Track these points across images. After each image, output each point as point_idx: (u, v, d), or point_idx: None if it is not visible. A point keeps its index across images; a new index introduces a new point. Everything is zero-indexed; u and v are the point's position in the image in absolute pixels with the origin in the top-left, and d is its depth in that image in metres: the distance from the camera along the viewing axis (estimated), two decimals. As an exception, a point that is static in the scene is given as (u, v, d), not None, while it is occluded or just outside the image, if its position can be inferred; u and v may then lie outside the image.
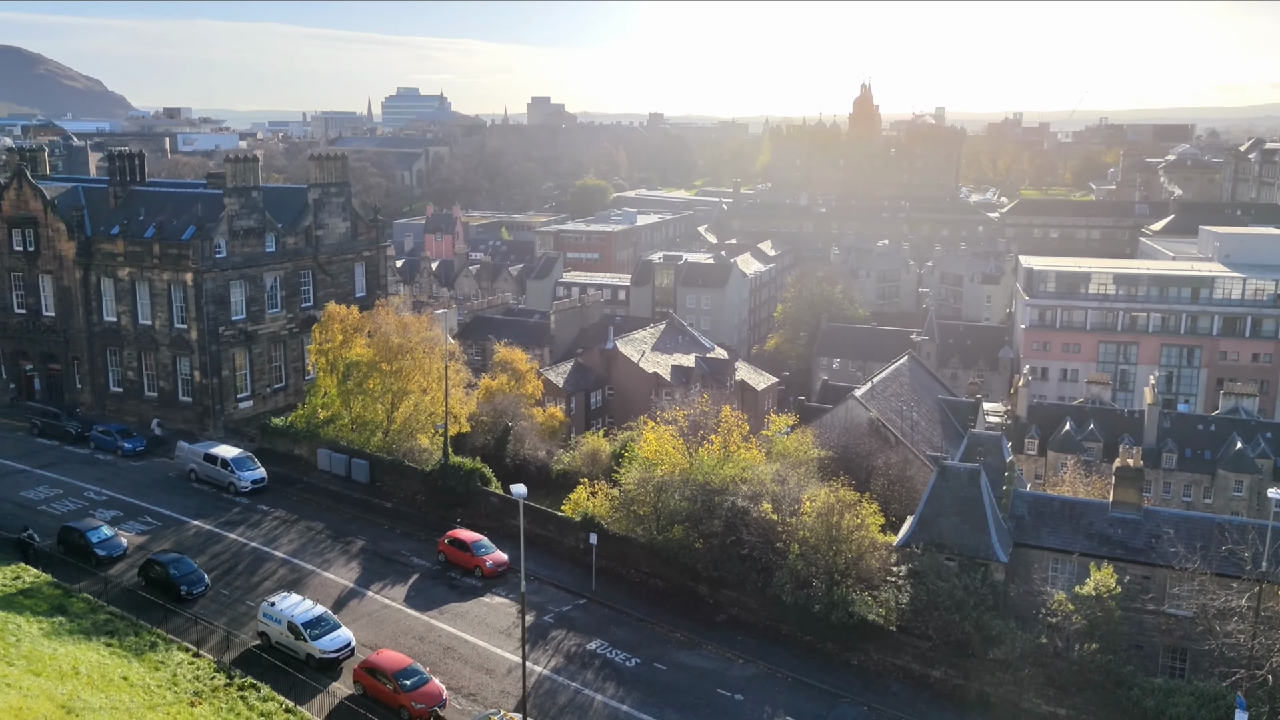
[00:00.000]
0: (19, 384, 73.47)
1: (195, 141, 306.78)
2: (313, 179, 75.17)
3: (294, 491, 56.13)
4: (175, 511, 52.88)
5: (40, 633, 36.99)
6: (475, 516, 52.70)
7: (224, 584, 45.00)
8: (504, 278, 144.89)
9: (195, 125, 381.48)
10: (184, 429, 65.99)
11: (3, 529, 48.93)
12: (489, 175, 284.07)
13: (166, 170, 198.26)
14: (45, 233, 70.37)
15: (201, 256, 64.92)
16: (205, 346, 66.04)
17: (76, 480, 57.03)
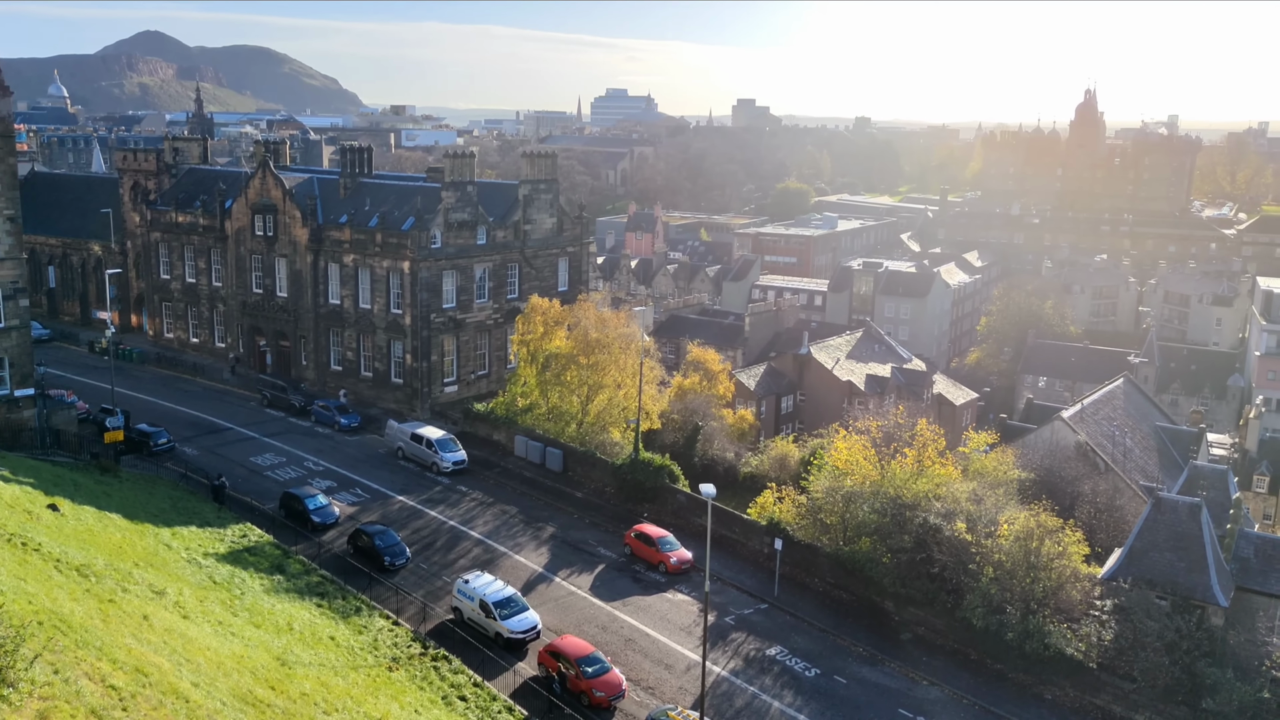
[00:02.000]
0: (253, 357, 79.96)
1: (417, 137, 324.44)
2: (523, 175, 78.11)
3: (491, 475, 58.50)
4: (383, 486, 56.17)
5: (261, 588, 40.12)
6: (662, 512, 53.31)
7: (423, 558, 47.43)
8: (701, 278, 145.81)
9: (418, 122, 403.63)
10: (394, 409, 69.99)
11: (238, 490, 53.47)
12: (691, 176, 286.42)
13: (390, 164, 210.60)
14: (283, 219, 76.22)
15: (418, 246, 68.65)
16: (417, 331, 69.80)
17: (298, 450, 61.50)
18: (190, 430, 63.71)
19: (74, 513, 39.81)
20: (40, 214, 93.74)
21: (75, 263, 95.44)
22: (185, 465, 56.45)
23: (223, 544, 44.57)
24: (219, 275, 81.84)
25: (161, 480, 53.78)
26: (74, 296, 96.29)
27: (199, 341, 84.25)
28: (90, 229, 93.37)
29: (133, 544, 39.08)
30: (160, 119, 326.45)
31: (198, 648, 27.92)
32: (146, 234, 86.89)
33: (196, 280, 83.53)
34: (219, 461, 58.09)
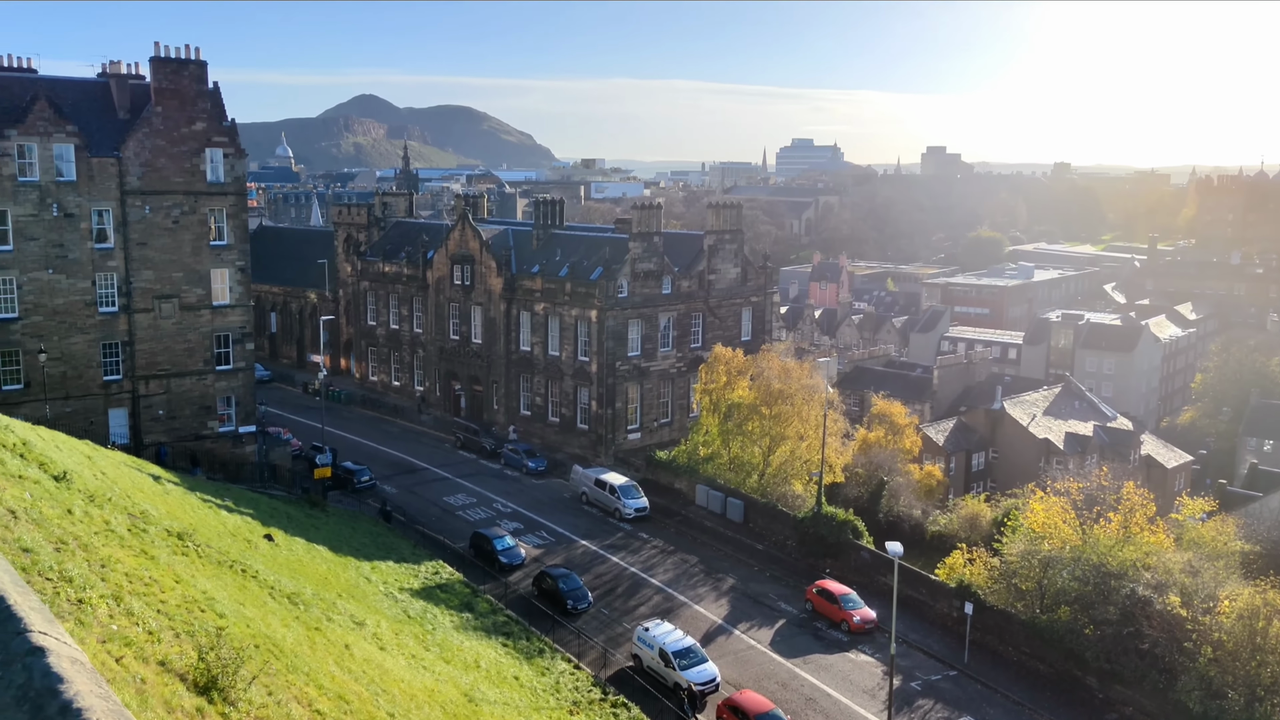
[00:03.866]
0: (449, 400, 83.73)
1: (606, 189, 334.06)
2: (708, 226, 79.02)
3: (672, 523, 58.75)
4: (567, 530, 57.38)
5: (451, 625, 41.57)
6: (844, 569, 52.02)
7: (604, 603, 47.98)
8: (887, 329, 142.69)
9: (606, 174, 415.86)
10: (579, 454, 71.56)
11: (419, 523, 55.88)
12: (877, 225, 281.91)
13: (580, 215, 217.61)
14: (479, 269, 79.91)
15: (606, 295, 70.40)
16: (603, 379, 71.34)
17: (488, 491, 63.75)
18: (390, 469, 67.18)
19: (286, 543, 42.57)
20: (265, 264, 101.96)
21: (294, 309, 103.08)
22: (385, 502, 59.50)
23: (417, 580, 46.55)
24: (420, 322, 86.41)
25: (363, 516, 56.87)
26: (292, 341, 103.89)
27: (400, 385, 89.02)
28: (308, 278, 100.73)
29: (337, 575, 41.40)
30: (371, 175, 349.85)
31: (393, 679, 29.18)
32: (357, 283, 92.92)
33: (399, 326, 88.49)
34: (414, 500, 60.94)
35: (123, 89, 59.76)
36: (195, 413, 60.19)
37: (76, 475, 30.30)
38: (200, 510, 40.16)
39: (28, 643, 2.92)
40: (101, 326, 57.44)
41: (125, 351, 58.20)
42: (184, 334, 59.78)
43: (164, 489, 40.77)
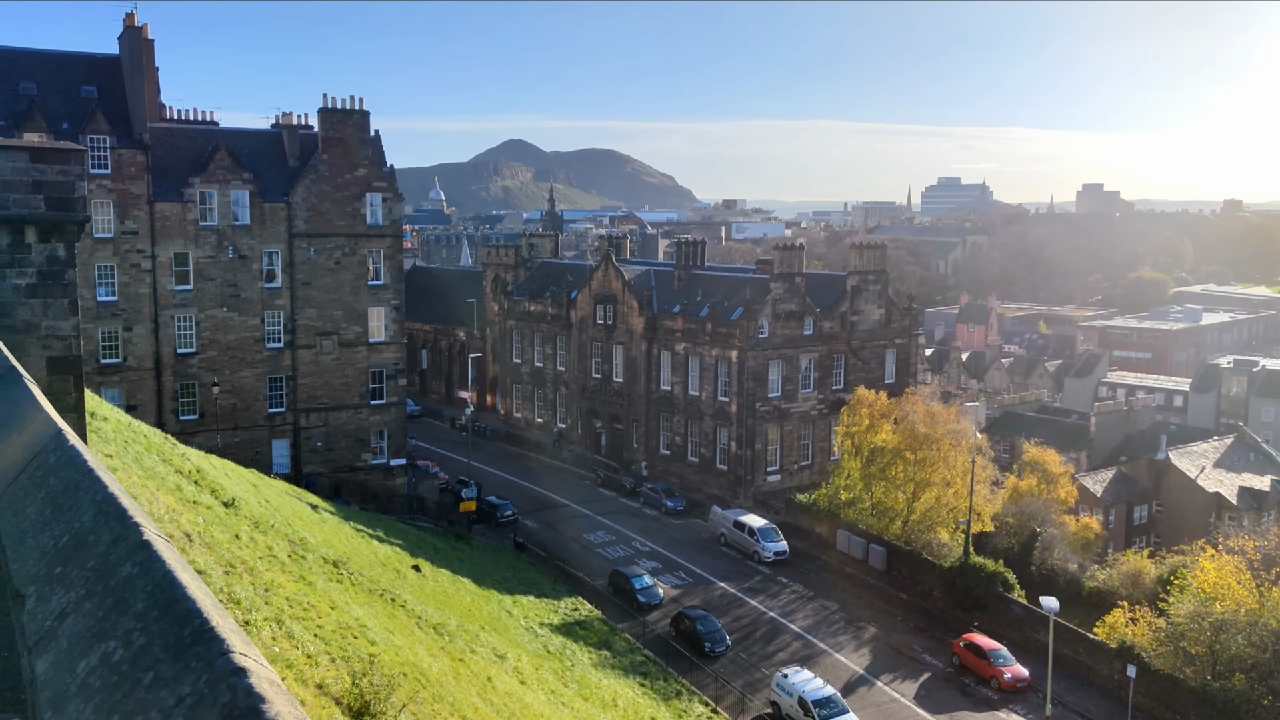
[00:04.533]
0: (590, 438, 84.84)
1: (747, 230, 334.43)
2: (851, 266, 78.02)
3: (811, 568, 57.68)
4: (705, 571, 57.05)
5: (590, 662, 41.81)
6: (994, 623, 49.85)
7: (742, 647, 47.37)
8: (1039, 373, 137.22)
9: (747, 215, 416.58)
10: (717, 495, 71.25)
11: (559, 559, 56.53)
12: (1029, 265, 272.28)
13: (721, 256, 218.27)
14: (621, 309, 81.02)
15: (746, 336, 70.23)
16: (743, 419, 70.98)
17: (626, 530, 64.08)
18: (532, 504, 68.39)
19: (433, 574, 43.78)
20: (417, 303, 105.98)
21: (444, 347, 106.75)
22: (526, 537, 60.55)
23: (556, 615, 47.07)
24: (563, 360, 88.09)
25: (505, 550, 58.00)
26: (441, 377, 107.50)
27: (543, 421, 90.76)
28: (457, 317, 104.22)
29: (480, 608, 42.28)
30: (518, 217, 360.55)
31: (533, 714, 29.50)
32: (503, 321, 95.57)
33: (543, 364, 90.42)
34: (555, 536, 61.79)
35: (293, 138, 63.54)
36: (350, 445, 62.83)
37: (243, 502, 31.93)
38: (354, 539, 41.75)
39: (231, 663, 3.09)
40: (268, 361, 60.79)
41: (289, 385, 61.37)
42: (342, 369, 62.64)
43: (321, 518, 42.60)
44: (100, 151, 56.85)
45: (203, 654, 3.42)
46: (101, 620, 4.26)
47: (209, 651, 3.39)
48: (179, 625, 3.78)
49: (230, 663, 3.26)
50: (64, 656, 4.25)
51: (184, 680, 3.36)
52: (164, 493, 24.02)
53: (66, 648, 4.30)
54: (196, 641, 3.53)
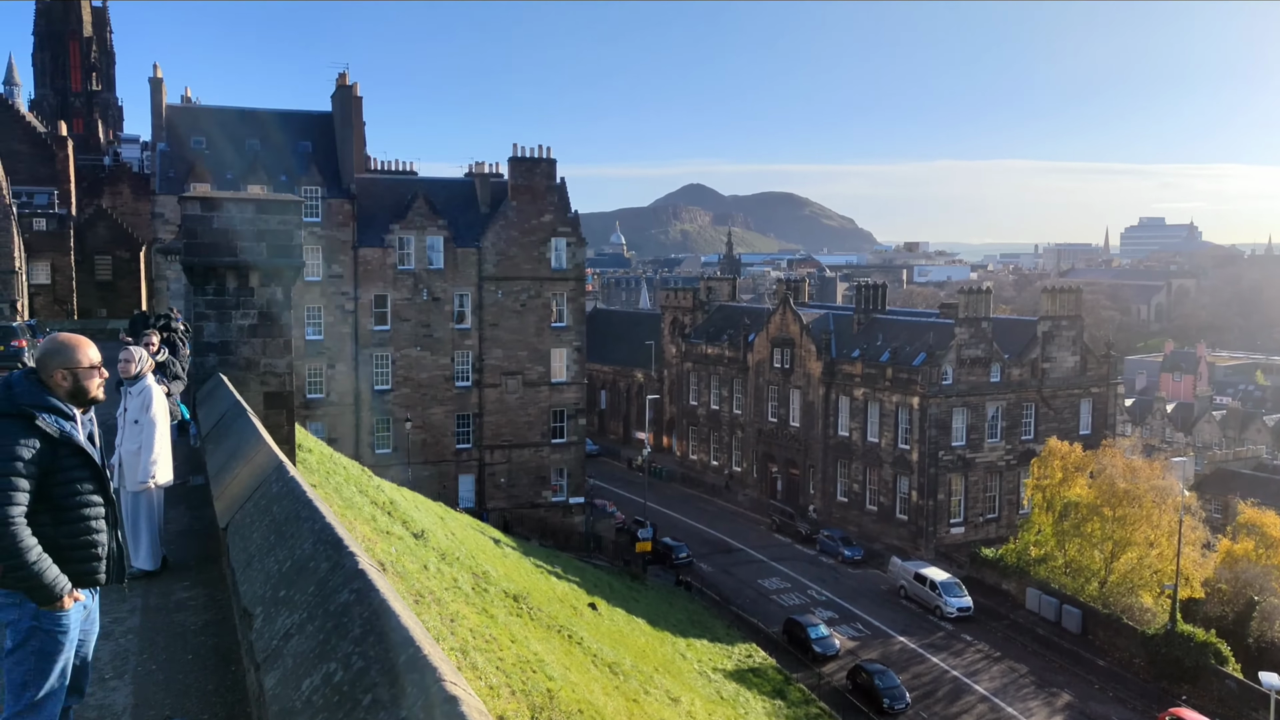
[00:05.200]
0: (765, 483, 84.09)
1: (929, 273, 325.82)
2: (1042, 311, 74.60)
3: (998, 627, 54.91)
4: (883, 623, 55.24)
5: (763, 710, 41.10)
6: (1204, 697, 45.93)
7: (922, 706, 45.48)
8: (1255, 427, 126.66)
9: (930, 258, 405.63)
10: (896, 545, 69.05)
11: (733, 604, 55.96)
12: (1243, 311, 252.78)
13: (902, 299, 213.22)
14: (799, 353, 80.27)
15: (929, 382, 68.14)
16: (924, 468, 68.69)
17: (802, 577, 62.92)
18: (706, 547, 68.21)
19: (608, 613, 44.25)
20: (597, 345, 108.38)
21: (622, 388, 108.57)
22: (701, 580, 60.39)
23: (730, 661, 46.58)
24: (739, 403, 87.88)
25: (679, 592, 57.99)
26: (619, 418, 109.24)
27: (718, 464, 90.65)
28: (635, 358, 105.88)
29: (654, 649, 42.37)
30: (696, 261, 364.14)
31: (705, 760, 29.19)
32: (680, 364, 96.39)
33: (719, 407, 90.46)
34: (729, 580, 61.35)
35: (484, 186, 66.62)
36: (531, 482, 64.63)
37: (432, 534, 33.28)
38: (533, 574, 42.76)
39: (444, 691, 3.25)
40: (457, 399, 63.48)
41: (475, 423, 63.83)
42: (525, 408, 64.68)
43: (502, 552, 43.89)
44: (312, 201, 61.27)
45: (417, 681, 3.61)
46: (323, 643, 4.55)
47: (423, 679, 3.57)
48: (394, 652, 4.00)
49: (443, 691, 3.42)
50: (290, 674, 4.56)
51: (400, 704, 3.55)
52: (361, 522, 25.37)
53: (292, 666, 4.62)
54: (411, 669, 3.73)
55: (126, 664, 7.06)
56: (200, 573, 9.30)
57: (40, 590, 4.48)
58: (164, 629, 7.76)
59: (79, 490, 4.68)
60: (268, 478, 8.09)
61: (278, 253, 20.21)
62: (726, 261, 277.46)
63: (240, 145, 63.54)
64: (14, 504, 4.38)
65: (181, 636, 7.62)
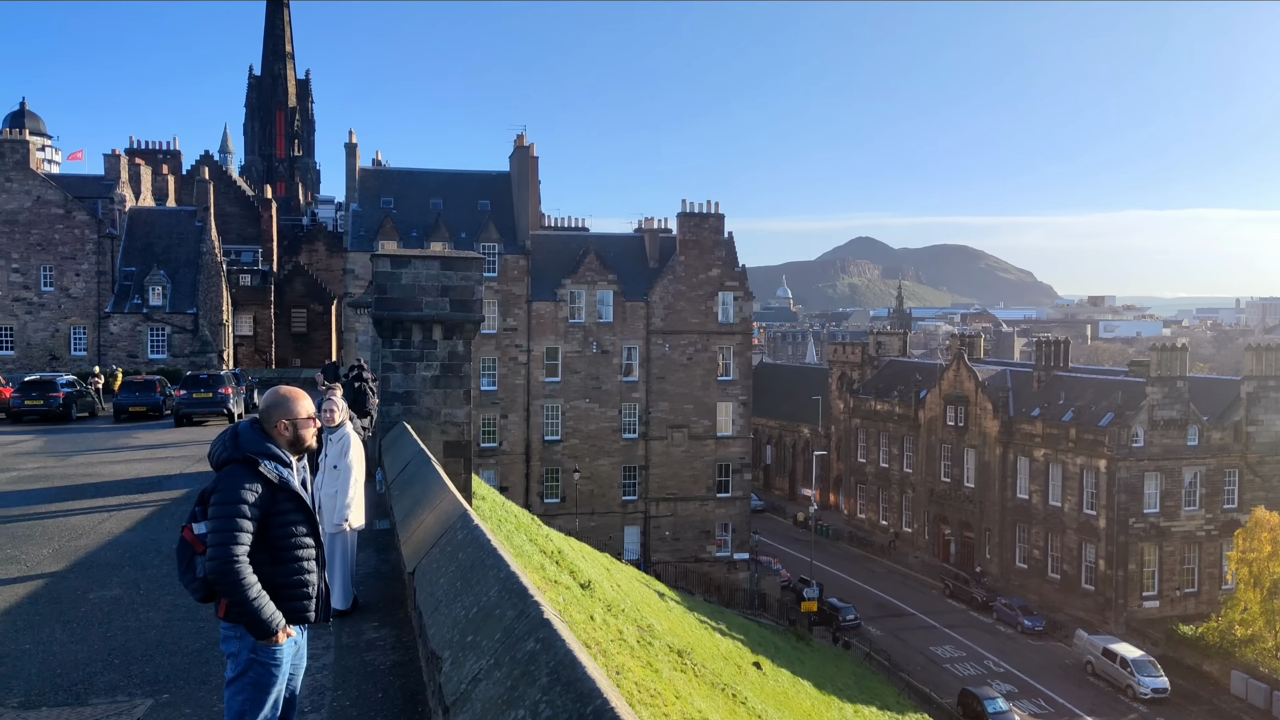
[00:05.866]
0: (937, 545, 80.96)
1: (1116, 328, 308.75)
2: (1246, 370, 69.31)
3: (1198, 712, 50.65)
4: (1067, 700, 51.87)
5: (935, 786, 39.20)
6: None
7: (1112, 793, 42.30)
8: None
9: (1117, 312, 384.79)
10: (1082, 617, 64.91)
11: (902, 670, 53.76)
12: None
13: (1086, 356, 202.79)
14: (973, 410, 77.33)
15: (1117, 444, 64.25)
16: (1113, 536, 64.57)
17: (977, 646, 59.97)
18: (874, 610, 66.05)
19: (773, 673, 43.36)
20: (763, 399, 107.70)
21: (788, 443, 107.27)
22: (869, 644, 58.45)
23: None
24: (910, 461, 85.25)
25: (846, 655, 56.26)
26: (784, 473, 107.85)
27: (887, 524, 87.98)
28: (802, 414, 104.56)
29: (820, 713, 41.16)
30: (865, 315, 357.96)
31: (874, 834, 27.99)
32: (848, 419, 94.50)
33: (889, 465, 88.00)
34: (899, 645, 59.10)
35: (653, 241, 67.77)
36: (696, 536, 64.43)
37: (598, 585, 33.60)
38: (697, 630, 42.46)
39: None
40: (624, 451, 64.21)
41: (641, 475, 64.33)
42: (691, 461, 64.77)
43: (667, 606, 43.80)
44: (490, 257, 63.85)
45: (606, 733, 3.63)
46: (510, 689, 4.65)
47: (610, 730, 3.60)
48: (580, 702, 4.05)
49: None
50: (478, 719, 4.68)
51: (589, 756, 3.58)
52: (530, 570, 25.88)
53: (480, 711, 4.74)
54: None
55: (323, 699, 7.42)
56: (388, 614, 9.69)
57: (259, 625, 4.80)
58: (355, 668, 8.11)
59: (294, 533, 5.01)
60: (453, 525, 8.38)
61: (460, 307, 21.13)
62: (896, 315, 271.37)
63: (424, 204, 67.06)
64: (239, 543, 4.74)
65: (372, 675, 7.95)
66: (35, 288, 66.36)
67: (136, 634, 9.09)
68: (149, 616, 9.69)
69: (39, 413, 37.86)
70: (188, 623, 9.44)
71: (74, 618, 9.63)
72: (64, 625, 9.36)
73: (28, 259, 66.17)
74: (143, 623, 9.48)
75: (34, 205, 66.06)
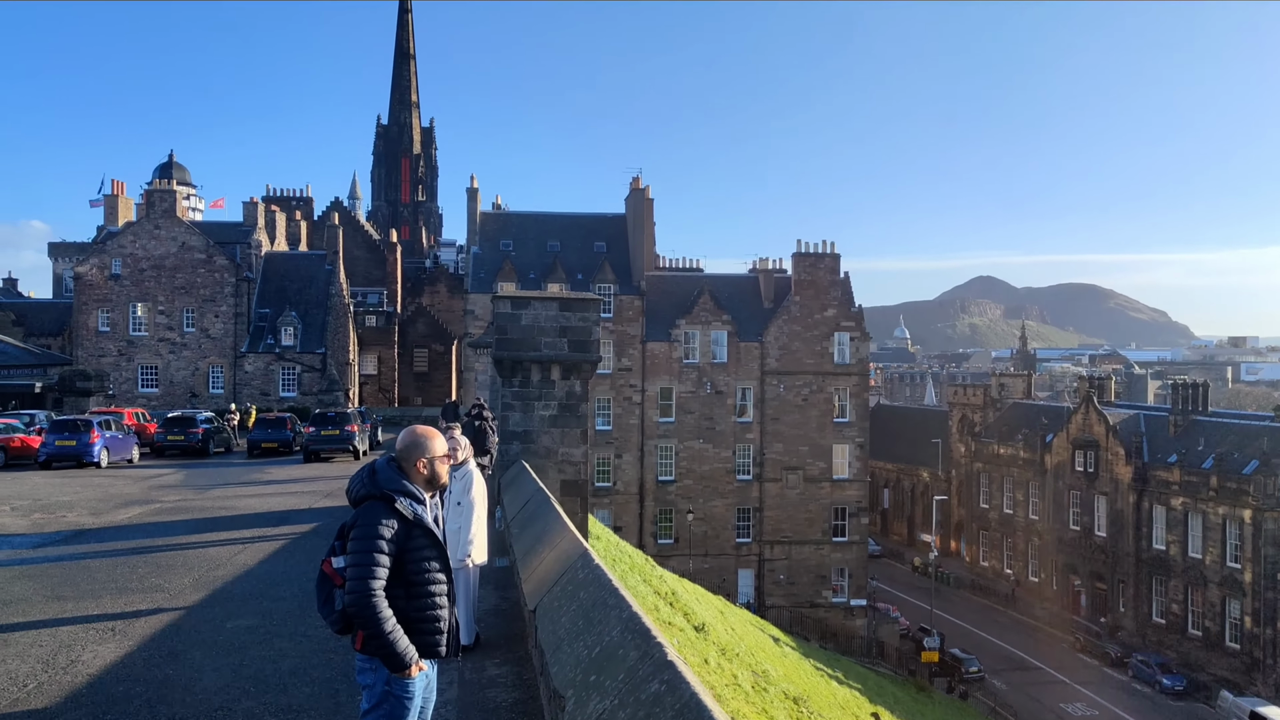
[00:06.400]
0: (1067, 597, 77.48)
1: (1260, 370, 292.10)
2: None
3: (1360, 784, 46.90)
4: (1211, 766, 48.76)
5: None
6: None
7: None
8: None
9: (1261, 354, 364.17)
10: (1227, 677, 61.06)
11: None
12: None
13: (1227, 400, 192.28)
14: (1104, 456, 74.10)
15: (1264, 493, 60.58)
16: (1260, 592, 60.69)
17: (1112, 705, 56.98)
18: (999, 662, 63.52)
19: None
20: (880, 441, 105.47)
21: (906, 487, 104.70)
22: (994, 698, 56.18)
23: (1027, 791, 42.75)
24: (1036, 508, 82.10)
25: (970, 709, 54.17)
26: (902, 518, 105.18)
27: (1011, 573, 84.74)
28: (920, 456, 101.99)
29: (941, 769, 39.67)
30: (986, 356, 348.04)
31: None
32: (969, 463, 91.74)
33: (1013, 511, 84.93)
34: (1026, 701, 56.64)
35: (768, 282, 67.55)
36: (811, 580, 63.28)
37: (712, 628, 33.26)
38: (813, 677, 41.55)
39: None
40: (737, 492, 63.73)
41: (755, 517, 63.68)
42: (806, 504, 63.81)
43: (782, 651, 43.04)
44: (606, 298, 64.64)
45: (736, 781, 3.58)
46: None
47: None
48: (708, 748, 4.01)
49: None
50: (603, 761, 4.67)
51: (719, 804, 3.53)
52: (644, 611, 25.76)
53: (605, 752, 4.73)
54: (729, 768, 3.71)
55: (448, 734, 7.54)
56: (509, 651, 9.80)
57: (394, 658, 4.93)
58: (477, 704, 8.22)
59: (428, 568, 5.15)
60: (573, 564, 8.44)
61: (577, 348, 21.44)
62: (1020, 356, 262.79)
63: (542, 246, 68.47)
64: (377, 578, 4.90)
65: (494, 712, 8.04)
66: (178, 328, 70.15)
67: (271, 663, 9.42)
68: (282, 646, 10.04)
69: (180, 447, 39.84)
70: (319, 654, 9.74)
71: (213, 646, 10.04)
72: (205, 652, 9.77)
73: (172, 301, 70.06)
74: (276, 652, 9.82)
75: (179, 251, 70.02)
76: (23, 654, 9.66)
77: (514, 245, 68.60)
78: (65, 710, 7.95)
